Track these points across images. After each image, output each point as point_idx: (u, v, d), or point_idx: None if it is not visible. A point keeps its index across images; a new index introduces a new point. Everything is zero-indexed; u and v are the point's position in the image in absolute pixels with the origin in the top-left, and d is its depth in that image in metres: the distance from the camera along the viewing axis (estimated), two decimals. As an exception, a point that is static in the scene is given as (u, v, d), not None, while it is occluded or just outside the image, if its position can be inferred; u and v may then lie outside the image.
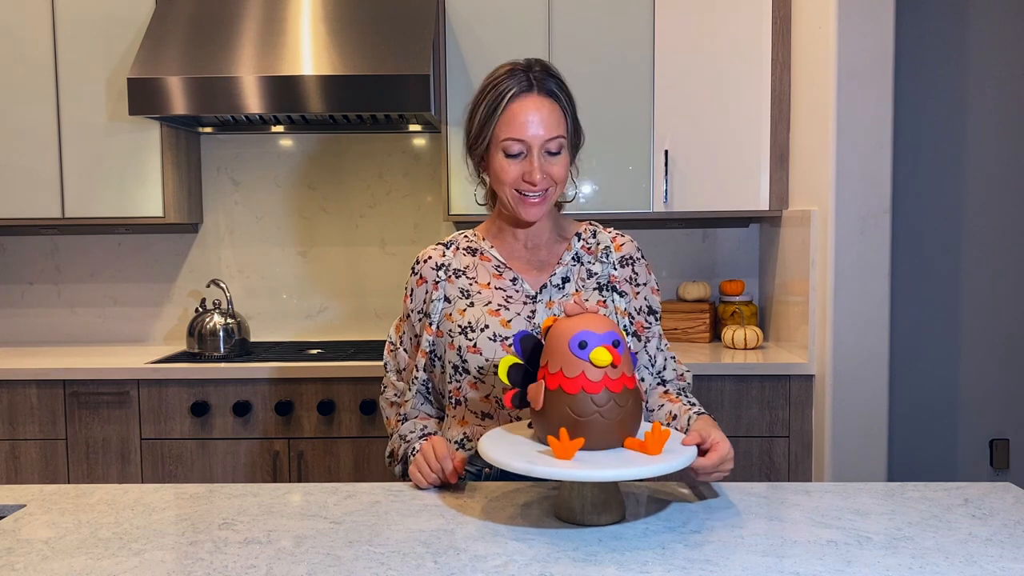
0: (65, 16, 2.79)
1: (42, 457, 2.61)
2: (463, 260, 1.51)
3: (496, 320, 1.43)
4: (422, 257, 1.52)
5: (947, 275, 3.11)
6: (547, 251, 1.51)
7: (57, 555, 1.09)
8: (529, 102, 1.39)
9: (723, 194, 2.78)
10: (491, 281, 1.48)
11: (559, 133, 1.41)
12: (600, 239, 1.53)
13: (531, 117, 1.39)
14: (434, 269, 1.50)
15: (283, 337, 3.15)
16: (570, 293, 1.47)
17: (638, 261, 1.53)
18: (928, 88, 3.06)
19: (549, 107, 1.40)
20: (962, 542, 1.11)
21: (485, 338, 1.42)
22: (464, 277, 1.49)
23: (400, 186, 3.13)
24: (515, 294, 1.47)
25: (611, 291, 1.48)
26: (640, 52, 2.76)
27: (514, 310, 1.44)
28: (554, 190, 1.43)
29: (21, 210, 2.83)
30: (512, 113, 1.40)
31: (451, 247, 1.53)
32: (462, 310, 1.46)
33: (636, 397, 1.19)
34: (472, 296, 1.47)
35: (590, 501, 1.17)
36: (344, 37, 2.63)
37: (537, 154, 1.40)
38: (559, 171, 1.42)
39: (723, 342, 2.86)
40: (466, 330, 1.44)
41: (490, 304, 1.45)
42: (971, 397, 3.13)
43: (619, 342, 1.17)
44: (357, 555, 1.08)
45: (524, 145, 1.40)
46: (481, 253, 1.51)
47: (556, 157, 1.42)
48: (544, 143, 1.40)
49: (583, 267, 1.50)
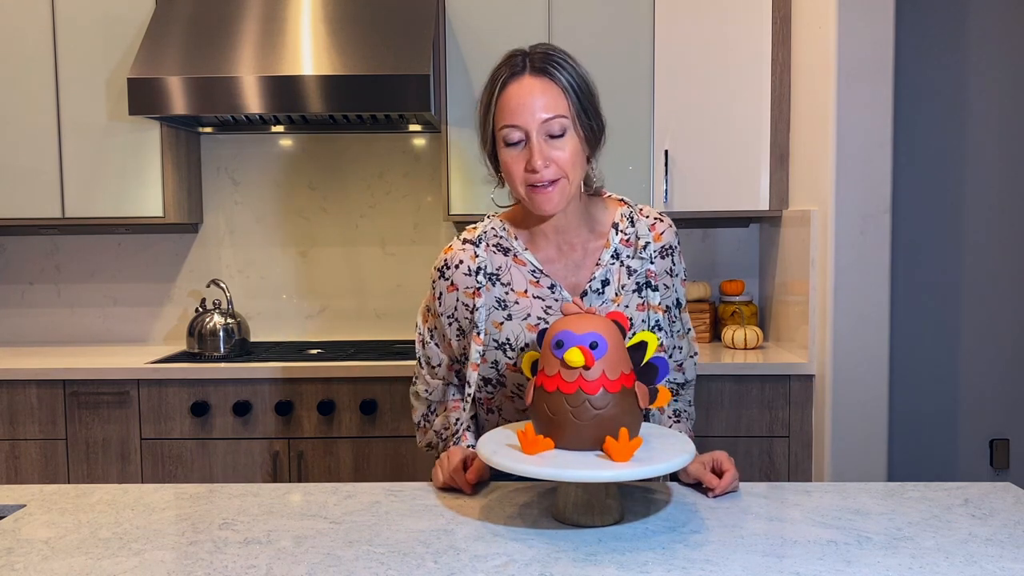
0: (65, 16, 2.79)
1: (42, 457, 2.61)
2: (496, 260, 1.40)
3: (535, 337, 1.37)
4: (451, 261, 1.40)
5: (947, 275, 3.11)
6: (582, 250, 1.40)
7: (57, 555, 1.09)
8: (521, 84, 1.29)
9: (723, 194, 2.78)
10: (528, 289, 1.38)
11: (557, 112, 1.28)
12: (639, 229, 1.42)
13: (524, 100, 1.28)
14: (468, 275, 1.39)
15: (283, 337, 3.15)
16: (610, 299, 1.38)
17: (676, 249, 1.44)
18: (928, 88, 3.06)
19: (542, 87, 1.28)
20: (962, 542, 1.11)
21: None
22: (499, 284, 1.39)
23: (400, 186, 3.13)
24: (554, 304, 1.37)
25: (647, 288, 1.40)
26: (640, 52, 2.76)
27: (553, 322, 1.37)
28: (566, 181, 1.30)
29: (21, 210, 2.83)
30: (506, 99, 1.30)
31: (481, 244, 1.40)
32: (498, 323, 1.37)
33: (622, 400, 1.15)
34: (510, 307, 1.38)
35: (582, 502, 1.17)
36: (344, 37, 2.63)
37: (536, 138, 1.28)
38: (564, 156, 1.29)
39: (723, 342, 2.86)
40: (504, 347, 1.37)
41: (528, 318, 1.37)
42: (971, 397, 3.13)
43: (597, 344, 1.14)
44: (357, 555, 1.08)
45: (521, 131, 1.29)
46: (515, 255, 1.40)
47: (560, 140, 1.29)
48: (541, 125, 1.28)
49: (623, 266, 1.40)
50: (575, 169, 1.31)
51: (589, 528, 1.16)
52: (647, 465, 1.10)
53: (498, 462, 1.13)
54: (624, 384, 1.16)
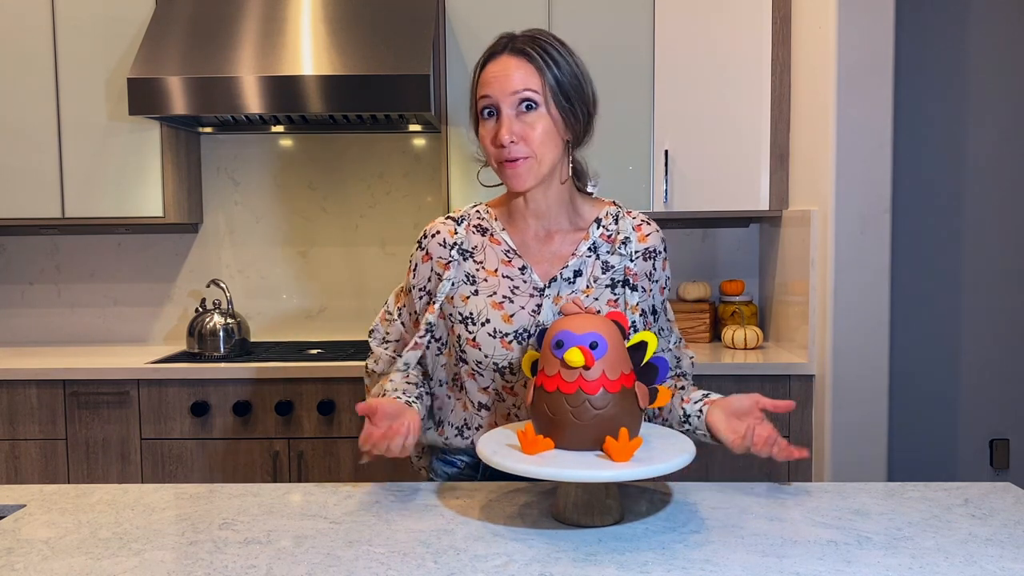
0: (65, 16, 2.79)
1: (42, 457, 2.61)
2: (473, 239, 1.43)
3: (498, 314, 1.37)
4: (430, 231, 1.44)
5: (947, 275, 3.11)
6: (561, 241, 1.41)
7: (57, 555, 1.09)
8: (498, 62, 1.35)
9: (723, 194, 2.78)
10: (499, 268, 1.40)
11: (527, 87, 1.32)
12: (622, 227, 1.42)
13: (498, 74, 1.33)
14: (443, 246, 1.42)
15: (283, 337, 3.15)
16: (580, 289, 1.39)
17: (660, 255, 1.44)
18: (928, 88, 3.06)
19: (516, 64, 1.33)
20: (962, 542, 1.11)
21: (485, 333, 1.37)
22: (472, 260, 1.41)
23: (400, 186, 3.13)
24: (522, 285, 1.39)
25: (624, 286, 1.40)
26: (640, 52, 2.76)
27: (519, 303, 1.37)
28: (534, 160, 1.32)
29: (21, 210, 2.83)
30: (484, 75, 1.36)
31: (462, 223, 1.44)
32: (465, 297, 1.39)
33: (622, 400, 1.16)
34: (477, 283, 1.40)
35: (582, 502, 1.17)
36: (344, 37, 2.63)
37: (506, 111, 1.32)
38: (533, 133, 1.31)
39: (723, 342, 2.86)
40: (467, 320, 1.39)
41: (494, 296, 1.38)
42: (971, 397, 3.13)
43: (597, 344, 1.14)
44: (357, 555, 1.08)
45: (492, 101, 1.33)
46: (491, 234, 1.43)
47: (530, 116, 1.32)
48: (510, 97, 1.32)
49: (599, 260, 1.41)
50: (545, 148, 1.33)
51: (589, 528, 1.16)
52: (647, 465, 1.10)
53: (498, 462, 1.13)
54: (624, 384, 1.16)
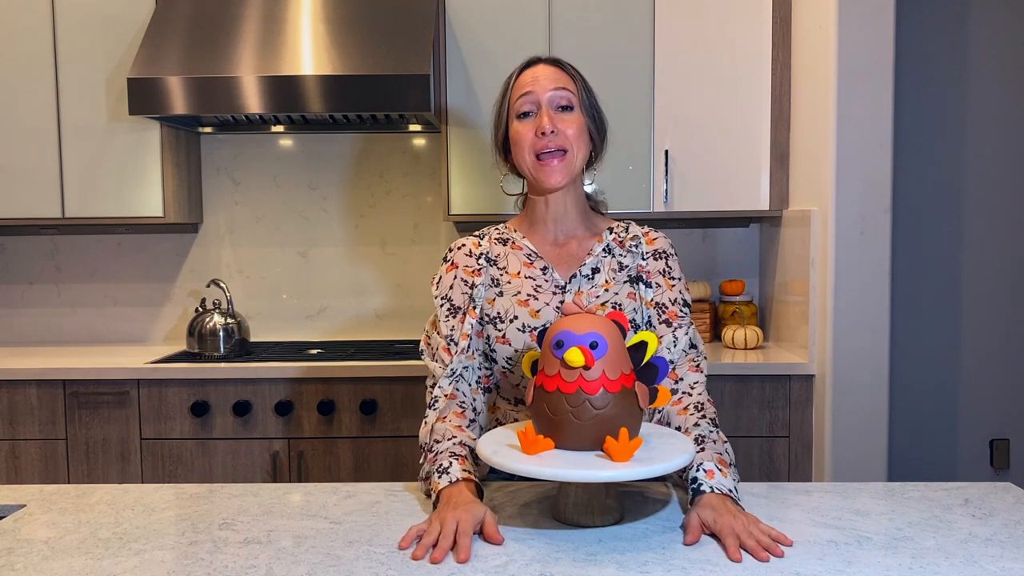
0: (65, 16, 2.79)
1: (42, 457, 2.61)
2: (496, 248, 1.51)
3: (525, 311, 1.42)
4: (455, 245, 1.53)
5: (947, 275, 3.11)
6: (577, 245, 1.50)
7: (57, 555, 1.09)
8: (535, 69, 1.46)
9: (723, 194, 2.78)
10: (521, 270, 1.48)
11: (565, 86, 1.44)
12: (632, 231, 1.53)
13: (538, 76, 1.45)
14: (469, 256, 1.50)
15: (283, 337, 3.15)
16: (600, 284, 1.46)
17: (672, 256, 1.52)
18: (928, 88, 3.06)
19: (553, 70, 1.46)
20: (962, 542, 1.11)
21: (514, 329, 1.41)
22: (495, 267, 1.49)
23: (400, 186, 3.13)
24: (544, 283, 1.46)
25: (638, 282, 1.47)
26: (640, 52, 2.76)
27: (543, 300, 1.44)
28: (572, 154, 1.43)
29: (21, 210, 2.83)
30: (522, 80, 1.46)
31: (484, 237, 1.53)
32: (491, 300, 1.46)
33: (622, 400, 1.15)
34: (502, 286, 1.46)
35: (582, 502, 1.17)
36: (344, 37, 2.63)
37: (546, 107, 1.43)
38: (571, 129, 1.43)
39: (723, 342, 2.86)
40: (495, 320, 1.44)
41: (519, 294, 1.44)
42: (971, 397, 3.13)
43: (597, 344, 1.14)
44: (357, 555, 1.08)
45: (532, 98, 1.43)
46: (512, 243, 1.51)
47: (567, 114, 1.44)
48: (551, 93, 1.43)
49: (614, 259, 1.49)
50: (579, 144, 1.44)
51: (589, 528, 1.16)
52: (647, 465, 1.10)
53: (498, 462, 1.13)
54: (624, 384, 1.16)
